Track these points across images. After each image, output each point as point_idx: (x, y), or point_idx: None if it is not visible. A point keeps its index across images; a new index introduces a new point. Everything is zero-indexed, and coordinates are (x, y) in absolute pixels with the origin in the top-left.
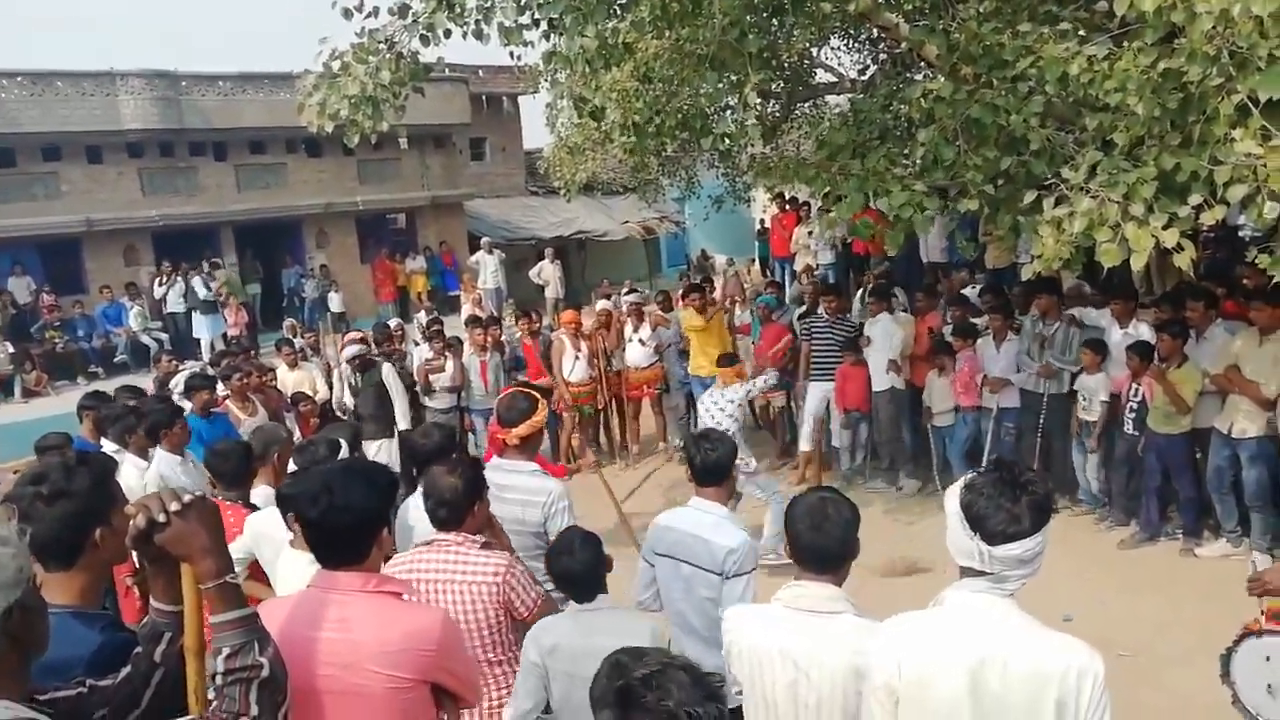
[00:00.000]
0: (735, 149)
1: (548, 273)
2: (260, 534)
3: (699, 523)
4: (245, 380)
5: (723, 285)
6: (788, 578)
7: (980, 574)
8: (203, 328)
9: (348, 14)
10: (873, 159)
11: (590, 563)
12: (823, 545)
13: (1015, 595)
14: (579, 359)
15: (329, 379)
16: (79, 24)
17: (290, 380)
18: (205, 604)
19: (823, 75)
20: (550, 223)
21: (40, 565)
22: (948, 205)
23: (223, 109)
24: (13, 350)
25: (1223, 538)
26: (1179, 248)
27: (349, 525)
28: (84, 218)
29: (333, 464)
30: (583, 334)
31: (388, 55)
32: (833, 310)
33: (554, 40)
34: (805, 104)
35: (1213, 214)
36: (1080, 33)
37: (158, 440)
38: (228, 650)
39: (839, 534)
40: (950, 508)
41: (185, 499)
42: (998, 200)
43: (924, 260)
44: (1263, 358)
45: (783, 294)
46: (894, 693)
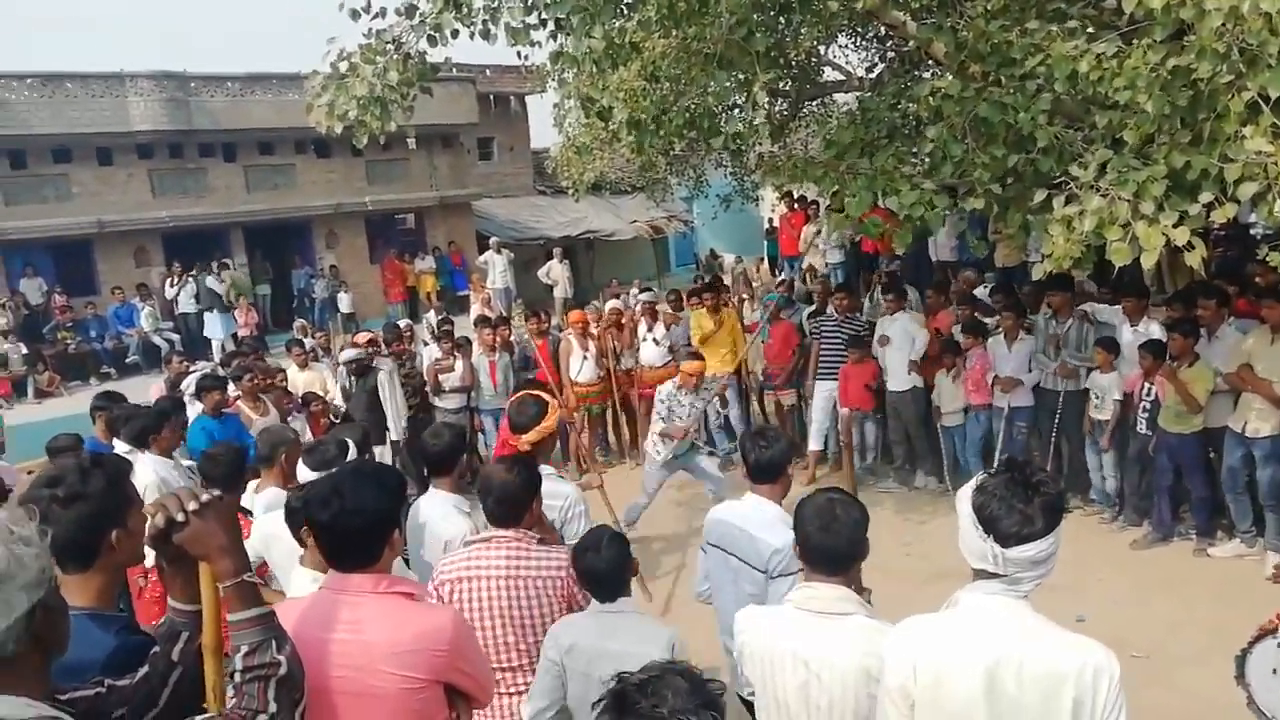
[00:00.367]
0: (743, 148)
1: (556, 272)
2: (270, 535)
3: (750, 519)
4: (256, 381)
5: (731, 283)
6: None
7: (994, 576)
8: (214, 328)
9: (355, 15)
10: (881, 157)
11: (616, 562)
12: (832, 546)
13: (1029, 596)
14: (587, 359)
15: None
16: (80, 24)
17: (301, 381)
18: (223, 603)
19: (830, 73)
20: (558, 222)
21: (57, 567)
22: (956, 204)
23: (231, 110)
24: (25, 351)
25: (1236, 538)
26: (1190, 246)
27: (360, 528)
28: (95, 219)
29: (342, 467)
30: (590, 334)
31: (395, 56)
32: (843, 309)
33: (561, 40)
34: (813, 102)
35: (1223, 212)
36: (1089, 30)
37: (146, 445)
38: (246, 648)
39: (848, 535)
40: (962, 510)
41: (204, 498)
42: (1006, 199)
43: (933, 259)
44: (1275, 356)
45: (793, 292)
46: (909, 695)
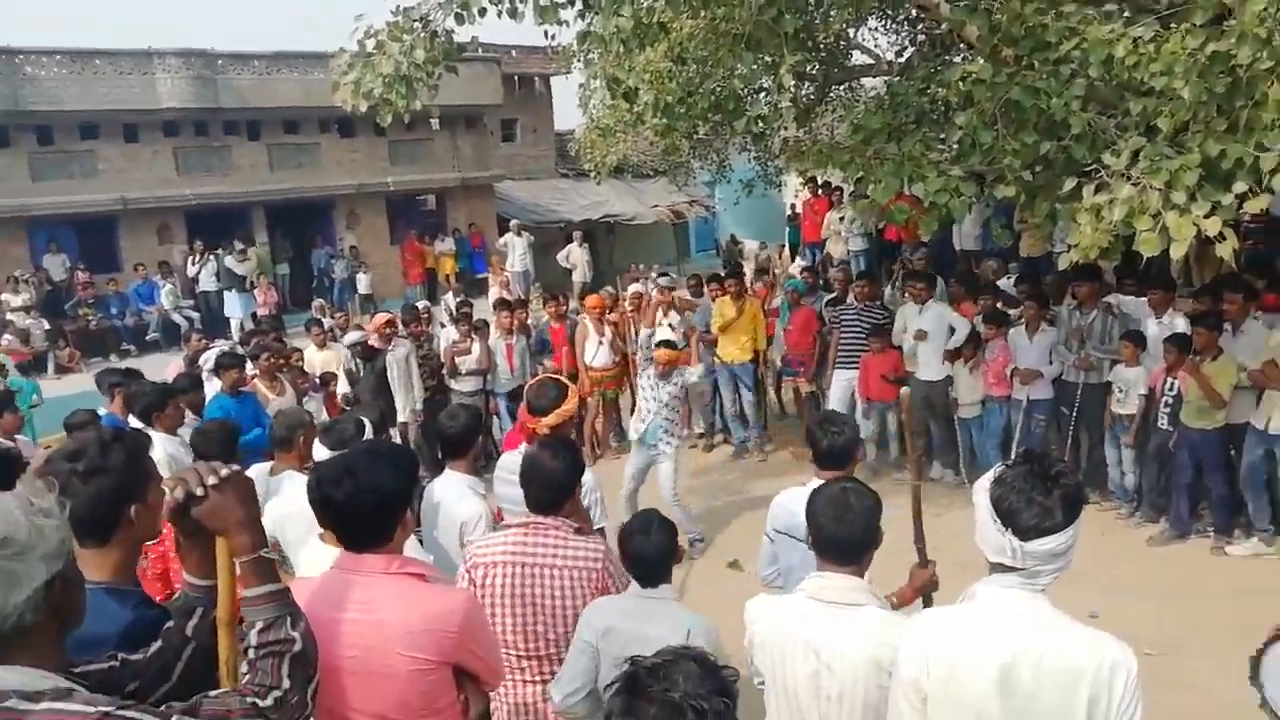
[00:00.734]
0: (768, 132)
1: (575, 256)
2: (285, 515)
3: None
4: (271, 360)
5: (754, 270)
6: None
7: (1011, 569)
8: (234, 307)
9: None
10: (908, 143)
11: (664, 547)
12: (845, 536)
13: (1047, 590)
14: (602, 343)
15: None
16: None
17: (319, 360)
18: (238, 579)
19: (859, 57)
20: (580, 205)
21: (75, 541)
22: (984, 191)
23: (257, 88)
24: (48, 327)
25: (1255, 536)
26: (1221, 237)
27: (373, 507)
28: (119, 196)
29: (355, 447)
30: (607, 318)
31: (422, 34)
32: (863, 297)
33: (589, 19)
34: (840, 87)
35: (1257, 202)
36: (1126, 14)
37: (150, 423)
38: (260, 624)
39: (862, 524)
40: (980, 502)
41: (222, 473)
42: (1035, 186)
43: (957, 248)
44: None
45: (816, 279)
46: (921, 690)
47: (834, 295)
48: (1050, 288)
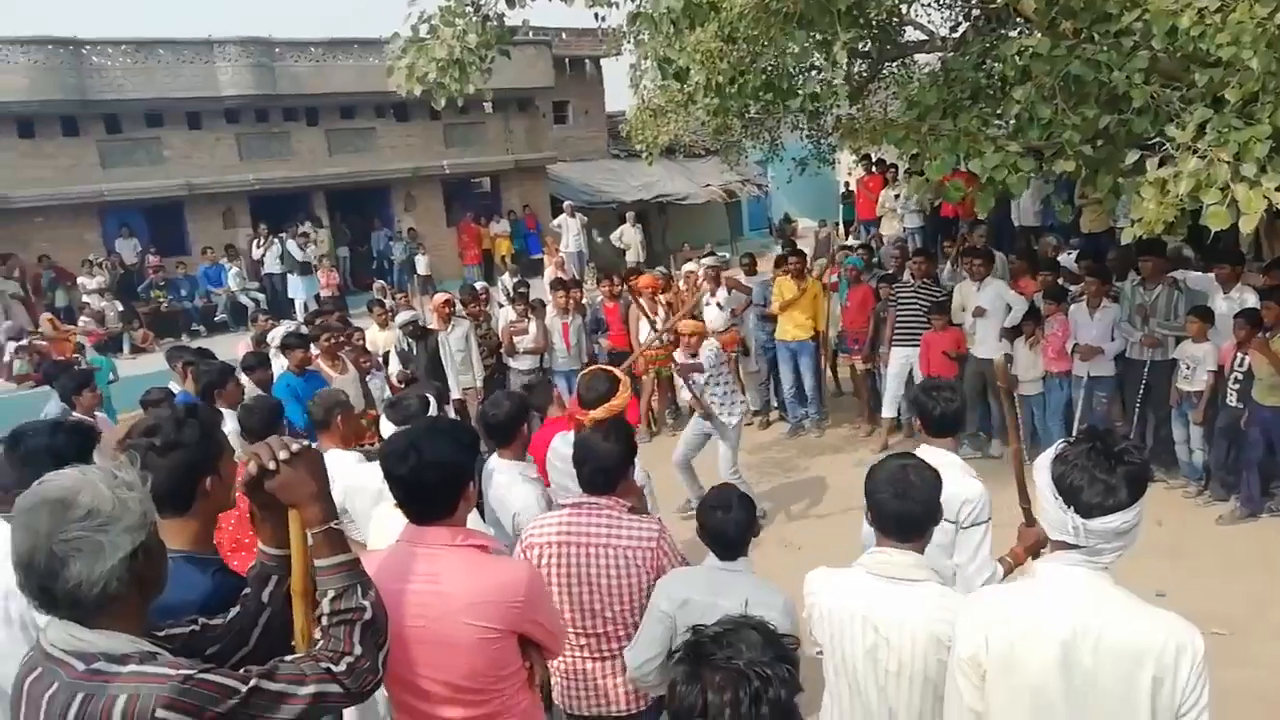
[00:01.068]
0: (821, 110)
1: (629, 236)
2: (352, 487)
3: None
4: (331, 340)
5: (813, 248)
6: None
7: (1073, 547)
8: (298, 288)
9: None
10: (965, 119)
11: (743, 523)
12: (907, 512)
13: (1111, 569)
14: (656, 321)
15: None
16: None
17: (381, 340)
18: (311, 549)
19: (912, 33)
20: (632, 186)
21: (155, 513)
22: (1043, 167)
23: (314, 74)
24: (121, 309)
25: None
26: None
27: (437, 481)
28: (184, 181)
29: (420, 423)
30: (659, 298)
31: (474, 18)
32: (920, 273)
33: (639, 0)
34: (893, 64)
35: None
36: None
37: (212, 399)
38: (333, 593)
39: (923, 500)
40: (1041, 480)
41: (294, 447)
42: (1097, 161)
43: (1016, 224)
44: None
45: (870, 256)
46: (980, 666)
47: (889, 272)
48: (1113, 263)
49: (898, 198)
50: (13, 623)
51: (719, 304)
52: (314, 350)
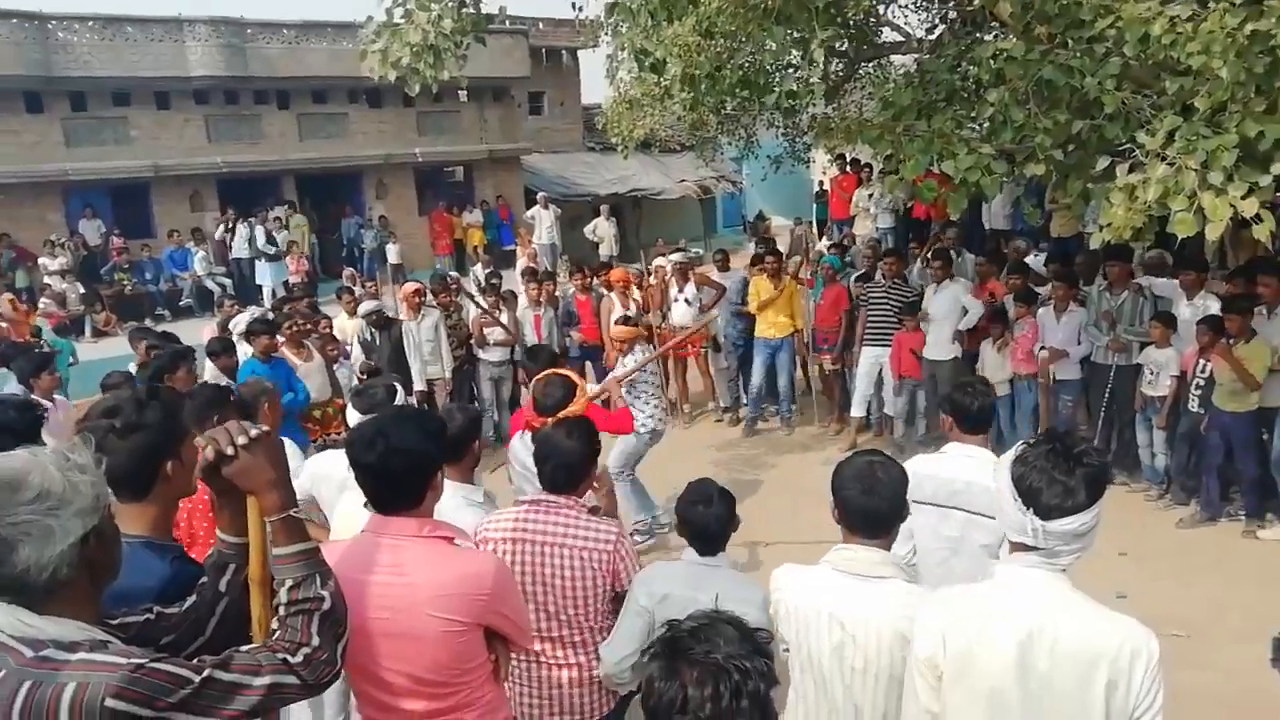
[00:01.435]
0: (797, 108)
1: (603, 230)
2: (318, 475)
3: (966, 468)
4: (294, 328)
5: (789, 246)
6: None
7: (1031, 549)
8: (265, 275)
9: None
10: (939, 120)
11: (724, 517)
12: (873, 508)
13: (1068, 571)
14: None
15: None
16: None
17: (349, 328)
18: (269, 537)
19: (889, 34)
20: (606, 179)
21: (114, 496)
22: (1015, 170)
23: (287, 57)
24: (83, 291)
25: None
26: (1258, 219)
27: (403, 469)
28: (151, 163)
29: (387, 411)
30: (629, 292)
31: (450, 3)
32: (891, 273)
33: None
34: (870, 64)
35: None
36: None
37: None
38: (290, 582)
39: (889, 496)
40: (1001, 481)
41: (253, 433)
42: (1067, 166)
43: (986, 227)
44: None
45: (842, 255)
46: (937, 667)
47: (862, 272)
48: (1081, 268)
49: (871, 197)
50: None
51: (686, 300)
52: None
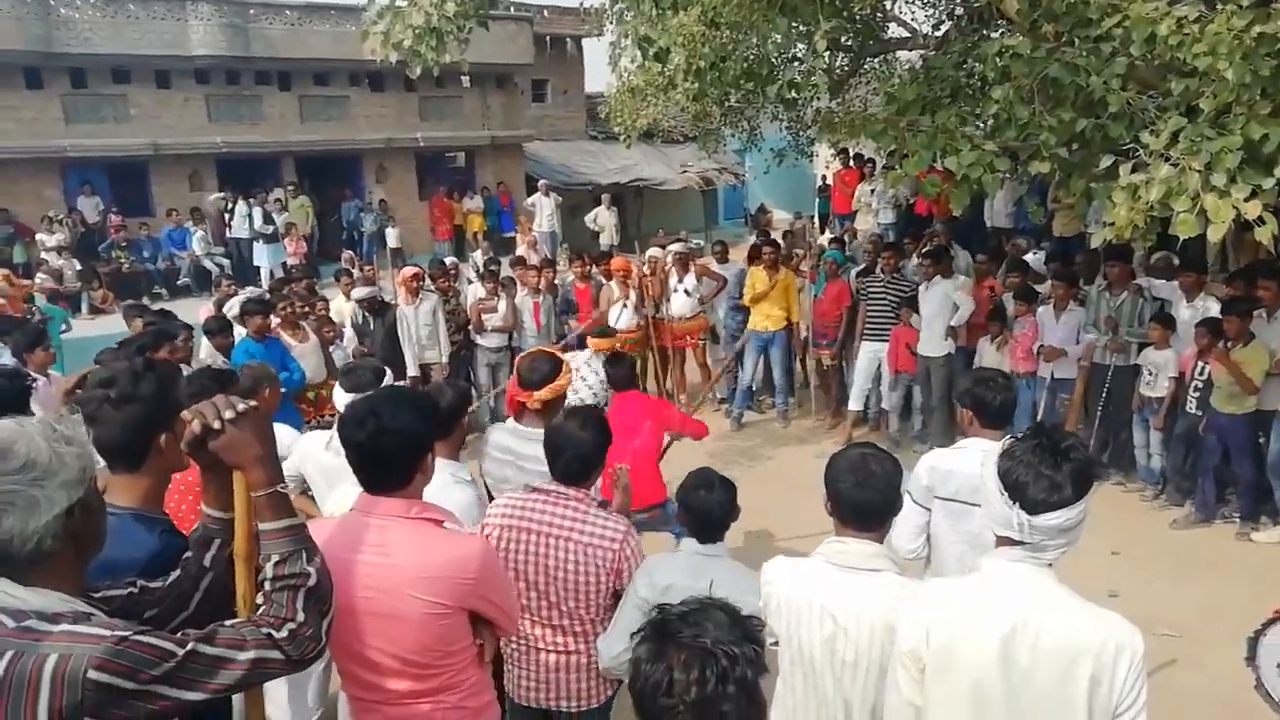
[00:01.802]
0: (800, 101)
1: (604, 219)
2: (306, 454)
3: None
4: (288, 309)
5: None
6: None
7: (1017, 543)
8: (263, 256)
9: None
10: (943, 116)
11: (726, 503)
12: (866, 501)
13: (1054, 566)
14: (626, 306)
15: None
16: None
17: (347, 310)
18: (255, 513)
19: (895, 30)
20: (608, 169)
21: (107, 467)
22: (1018, 167)
23: (289, 39)
24: (80, 268)
25: None
26: (1260, 221)
27: (394, 449)
28: (151, 141)
29: (380, 390)
30: (630, 282)
31: None
32: (889, 268)
33: None
34: (875, 59)
35: None
36: None
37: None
38: (276, 558)
39: (882, 489)
40: (988, 476)
41: (240, 407)
42: (1071, 164)
43: (988, 224)
44: None
45: (845, 249)
46: (920, 660)
47: (863, 267)
48: (1081, 267)
49: (873, 193)
50: None
51: (686, 291)
52: (274, 318)
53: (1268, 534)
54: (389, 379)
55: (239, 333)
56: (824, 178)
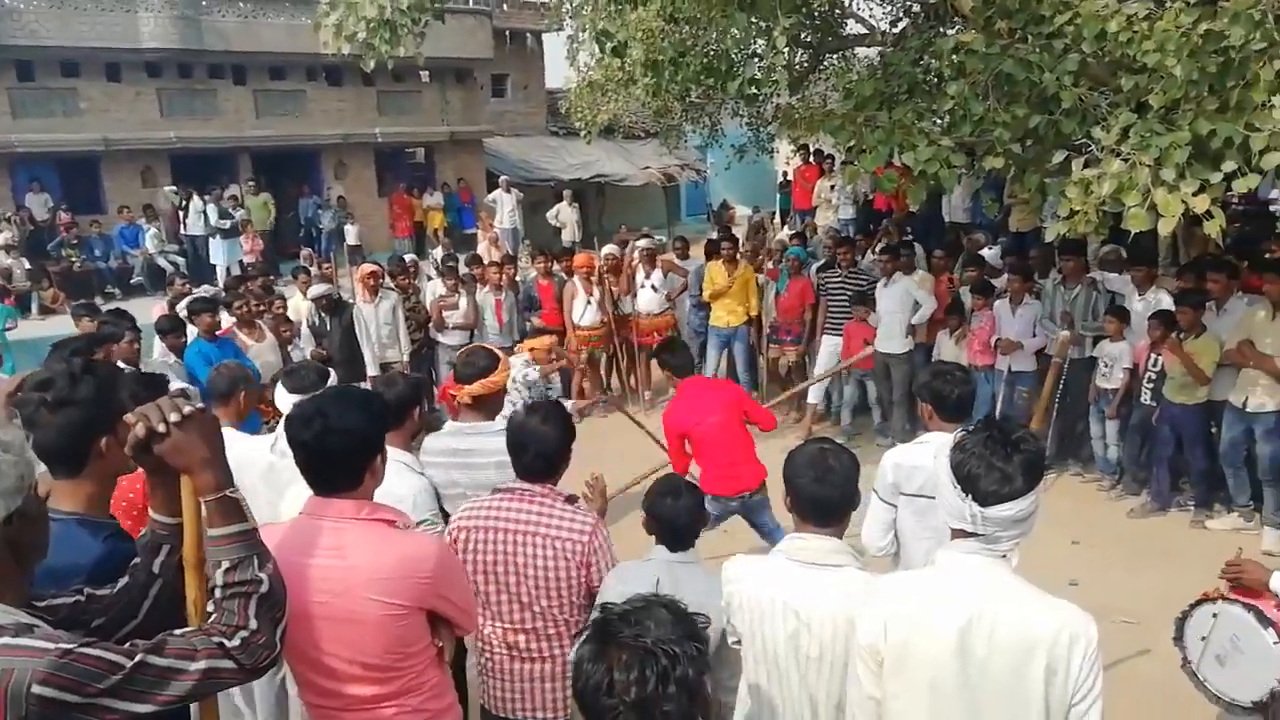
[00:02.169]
0: (760, 96)
1: (565, 215)
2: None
3: None
4: (244, 308)
5: (746, 234)
6: None
7: (971, 535)
8: (219, 253)
9: None
10: (900, 112)
11: (694, 509)
12: (826, 496)
13: (1008, 556)
14: (590, 303)
15: None
16: None
17: (305, 309)
18: (204, 518)
19: (854, 27)
20: (569, 164)
21: (49, 472)
22: (974, 163)
23: (243, 31)
24: (29, 267)
25: (1234, 511)
26: (1208, 215)
27: (342, 449)
28: (101, 136)
29: (328, 390)
30: (593, 278)
31: None
32: (845, 263)
33: None
34: (834, 55)
35: (1245, 182)
36: None
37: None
38: (227, 564)
39: (841, 484)
40: (941, 468)
41: (186, 410)
42: (1025, 160)
43: (946, 219)
44: (1276, 331)
45: (805, 244)
46: (878, 654)
47: (823, 262)
48: (1036, 261)
49: (833, 189)
50: None
51: (653, 286)
52: (230, 317)
53: (1220, 521)
54: (333, 380)
55: (192, 332)
56: (785, 174)
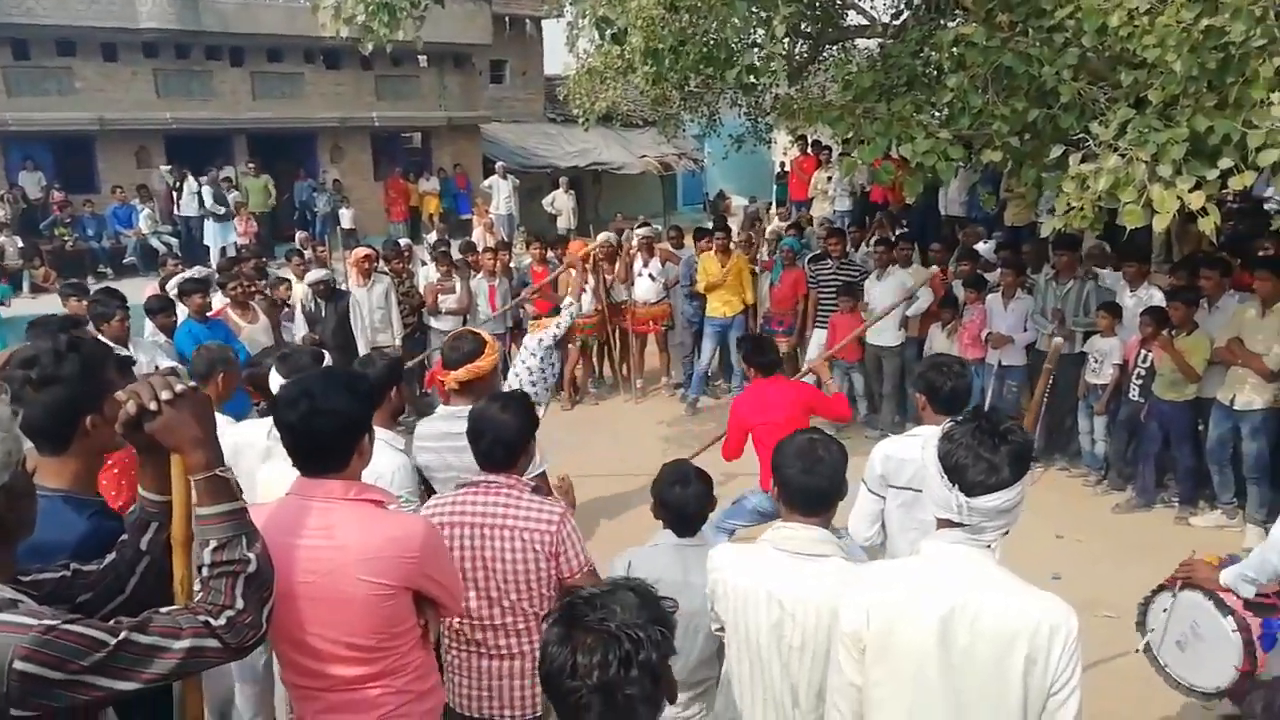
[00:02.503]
0: (759, 86)
1: (561, 202)
2: (243, 443)
3: None
4: (237, 289)
5: (741, 224)
6: None
7: (957, 525)
8: (213, 235)
9: None
10: (899, 104)
11: (703, 496)
12: (814, 486)
13: (993, 547)
14: (585, 291)
15: None
16: None
17: (299, 292)
18: (193, 497)
19: (854, 18)
20: (567, 152)
21: (35, 449)
22: (972, 156)
23: (241, 13)
24: (22, 245)
25: (1218, 508)
26: (1204, 212)
27: (329, 430)
28: (96, 116)
29: (314, 371)
30: (588, 266)
31: None
32: (836, 254)
33: None
34: (833, 46)
35: (1241, 179)
36: None
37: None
38: (215, 543)
39: (829, 474)
40: (929, 459)
41: (178, 388)
42: (1022, 154)
43: (942, 213)
44: (1266, 329)
45: (801, 235)
46: (861, 641)
47: (816, 253)
48: (1029, 256)
49: (830, 180)
50: None
51: (651, 275)
52: (223, 298)
53: (1204, 518)
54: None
55: (183, 312)
56: (782, 164)
